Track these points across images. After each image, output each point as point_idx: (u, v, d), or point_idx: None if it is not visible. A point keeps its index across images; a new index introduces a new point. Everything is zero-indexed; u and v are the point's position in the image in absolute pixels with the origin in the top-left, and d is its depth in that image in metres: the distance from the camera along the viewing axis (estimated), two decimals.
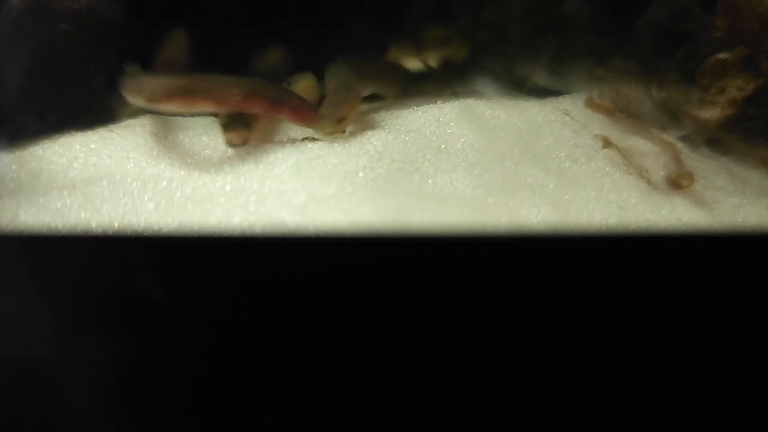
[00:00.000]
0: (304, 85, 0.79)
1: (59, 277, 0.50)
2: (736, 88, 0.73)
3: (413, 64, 1.00)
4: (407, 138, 0.68)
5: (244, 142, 0.64)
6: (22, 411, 0.53)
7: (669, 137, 0.73)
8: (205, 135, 0.74)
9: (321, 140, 0.67)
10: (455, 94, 0.86)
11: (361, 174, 0.59)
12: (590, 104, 0.77)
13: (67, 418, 0.53)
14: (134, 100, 0.62)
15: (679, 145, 0.73)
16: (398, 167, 0.62)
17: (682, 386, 0.50)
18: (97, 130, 0.71)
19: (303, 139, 0.69)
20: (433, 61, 0.99)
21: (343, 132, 0.64)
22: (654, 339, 0.50)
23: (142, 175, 0.60)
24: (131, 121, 0.74)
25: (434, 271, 0.49)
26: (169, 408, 0.52)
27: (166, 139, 0.70)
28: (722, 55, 0.74)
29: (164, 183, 0.58)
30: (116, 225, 0.52)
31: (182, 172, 0.62)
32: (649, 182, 0.66)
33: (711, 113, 0.74)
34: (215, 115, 0.69)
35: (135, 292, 0.49)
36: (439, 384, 0.51)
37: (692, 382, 0.50)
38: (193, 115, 0.76)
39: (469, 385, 0.51)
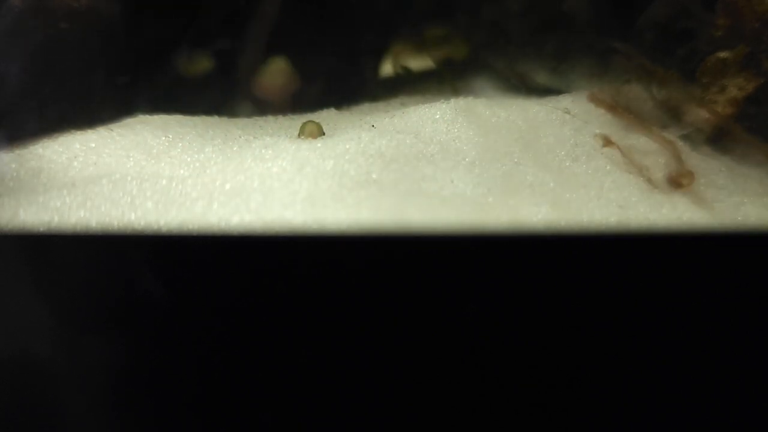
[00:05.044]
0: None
1: (59, 276, 0.50)
2: (737, 86, 0.73)
3: (414, 63, 1.00)
4: (407, 137, 0.68)
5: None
6: (22, 410, 0.53)
7: (670, 136, 0.73)
8: (205, 134, 0.74)
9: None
10: (455, 93, 0.86)
11: (361, 173, 0.59)
12: (593, 99, 0.76)
13: (66, 416, 0.52)
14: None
15: (680, 143, 0.73)
16: (398, 167, 0.62)
17: (683, 384, 0.50)
18: (97, 128, 0.71)
19: (304, 138, 0.70)
20: (433, 59, 0.99)
21: None
22: (654, 337, 0.49)
23: (141, 174, 0.60)
24: (131, 120, 0.75)
25: (434, 271, 0.49)
26: (168, 406, 0.52)
27: (166, 138, 0.70)
28: (723, 54, 0.74)
29: (164, 182, 0.58)
30: (116, 224, 0.52)
31: (182, 171, 0.62)
32: (649, 181, 0.66)
33: (712, 112, 0.74)
34: None
35: (134, 290, 0.49)
36: (439, 382, 0.51)
37: (692, 380, 0.50)
38: None
39: (469, 382, 0.50)
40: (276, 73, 0.89)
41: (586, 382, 0.50)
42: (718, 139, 0.75)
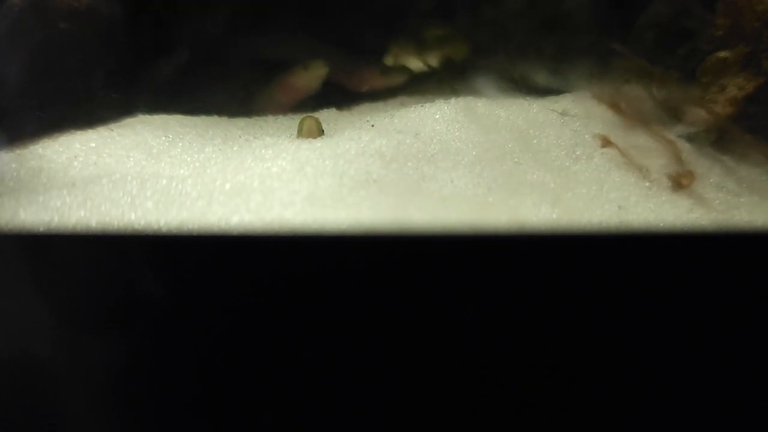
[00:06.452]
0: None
1: (59, 276, 0.50)
2: (737, 86, 0.73)
3: (414, 63, 1.00)
4: (407, 137, 0.68)
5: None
6: (22, 410, 0.53)
7: (670, 135, 0.73)
8: (205, 134, 0.74)
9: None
10: (455, 93, 0.86)
11: (361, 173, 0.59)
12: (596, 96, 0.76)
13: (66, 416, 0.52)
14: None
15: (680, 143, 0.73)
16: (398, 166, 0.62)
17: (683, 384, 0.50)
18: (97, 128, 0.71)
19: (303, 133, 0.70)
20: (433, 60, 0.99)
21: None
22: (654, 337, 0.49)
23: (142, 174, 0.60)
24: (131, 120, 0.75)
25: (434, 270, 0.49)
26: (168, 406, 0.52)
27: (166, 138, 0.70)
28: (723, 54, 0.74)
29: (164, 181, 0.58)
30: (116, 224, 0.52)
31: (182, 171, 0.62)
32: (649, 181, 0.66)
33: (712, 112, 0.74)
34: None
35: (134, 290, 0.49)
36: (439, 381, 0.51)
37: (692, 380, 0.50)
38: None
39: (469, 382, 0.50)
40: (314, 77, 0.88)
41: (586, 381, 0.50)
42: (719, 138, 0.75)
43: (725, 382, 0.50)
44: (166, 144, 0.69)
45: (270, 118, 0.84)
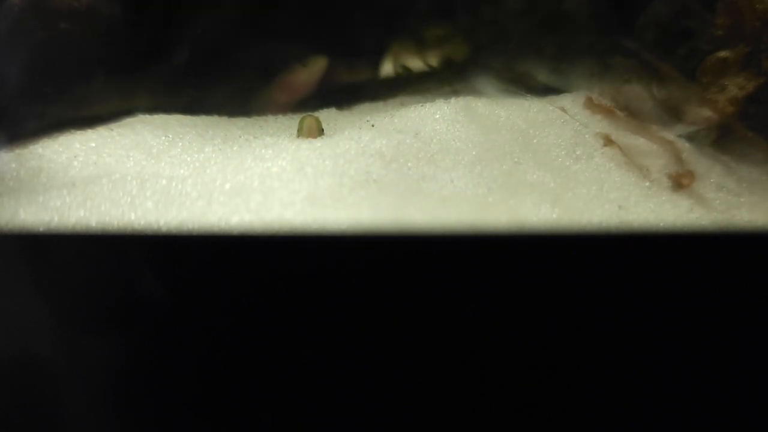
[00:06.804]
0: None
1: (59, 276, 0.50)
2: (737, 86, 0.73)
3: (414, 63, 1.00)
4: (407, 137, 0.68)
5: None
6: (22, 410, 0.53)
7: (670, 135, 0.73)
8: (205, 133, 0.74)
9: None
10: (455, 93, 0.86)
11: (361, 173, 0.59)
12: (589, 105, 0.77)
13: (66, 416, 0.52)
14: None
15: (681, 143, 0.73)
16: (398, 166, 0.62)
17: (682, 384, 0.50)
18: (97, 128, 0.71)
19: (303, 132, 0.70)
20: (433, 59, 0.99)
21: None
22: (654, 337, 0.49)
23: (141, 174, 0.60)
24: (131, 120, 0.75)
25: (434, 270, 0.49)
26: (168, 406, 0.52)
27: (166, 138, 0.70)
28: (723, 53, 0.74)
29: (164, 181, 0.58)
30: (116, 224, 0.52)
31: (182, 171, 0.62)
32: (649, 181, 0.66)
33: (714, 110, 0.74)
34: None
35: (134, 290, 0.49)
36: (439, 382, 0.51)
37: (692, 380, 0.50)
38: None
39: (469, 382, 0.50)
40: (313, 72, 0.88)
41: (587, 381, 0.50)
42: (719, 138, 0.75)
43: (725, 382, 0.50)
44: (166, 144, 0.69)
45: (270, 118, 0.84)
